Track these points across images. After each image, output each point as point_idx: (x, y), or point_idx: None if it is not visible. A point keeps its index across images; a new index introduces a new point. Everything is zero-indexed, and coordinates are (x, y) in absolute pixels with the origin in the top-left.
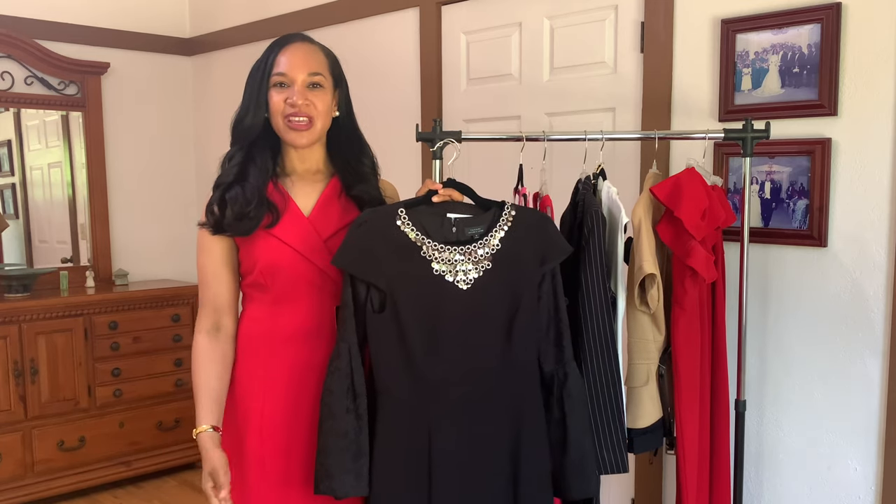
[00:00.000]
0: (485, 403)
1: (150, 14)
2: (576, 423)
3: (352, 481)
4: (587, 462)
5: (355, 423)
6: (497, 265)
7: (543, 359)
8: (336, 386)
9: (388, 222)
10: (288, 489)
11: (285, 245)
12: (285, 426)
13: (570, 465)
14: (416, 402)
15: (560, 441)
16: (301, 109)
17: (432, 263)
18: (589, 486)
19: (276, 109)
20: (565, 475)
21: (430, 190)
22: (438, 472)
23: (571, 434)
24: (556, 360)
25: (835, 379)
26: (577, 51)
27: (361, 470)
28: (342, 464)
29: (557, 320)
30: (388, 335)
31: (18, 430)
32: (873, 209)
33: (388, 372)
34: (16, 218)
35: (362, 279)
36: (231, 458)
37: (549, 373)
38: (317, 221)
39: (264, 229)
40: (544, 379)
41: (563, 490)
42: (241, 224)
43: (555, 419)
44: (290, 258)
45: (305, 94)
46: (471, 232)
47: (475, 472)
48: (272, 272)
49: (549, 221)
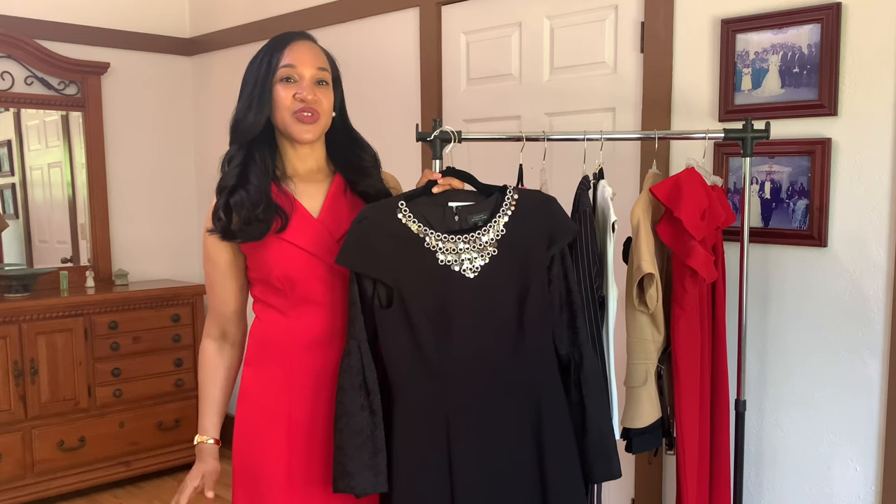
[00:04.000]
0: (502, 392)
1: (150, 14)
2: (593, 404)
3: (370, 478)
4: (608, 443)
5: (370, 420)
6: (503, 251)
7: (559, 342)
8: (348, 384)
9: (389, 216)
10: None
11: (298, 249)
12: (312, 430)
13: (591, 448)
14: (431, 397)
15: (580, 424)
16: (310, 104)
17: (437, 254)
18: (611, 467)
19: (282, 104)
20: (587, 458)
21: (429, 180)
22: (459, 466)
23: (590, 416)
24: (571, 342)
25: (835, 379)
26: (577, 51)
27: (379, 466)
28: (360, 461)
29: (570, 302)
30: (398, 330)
31: (18, 430)
32: (873, 209)
33: (400, 367)
34: (16, 218)
35: (367, 275)
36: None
37: (565, 356)
38: (327, 221)
39: (275, 234)
40: (561, 362)
41: (587, 473)
42: (250, 228)
43: (573, 402)
44: (305, 262)
45: (314, 90)
46: (474, 219)
47: (498, 463)
48: (289, 277)
49: (554, 202)
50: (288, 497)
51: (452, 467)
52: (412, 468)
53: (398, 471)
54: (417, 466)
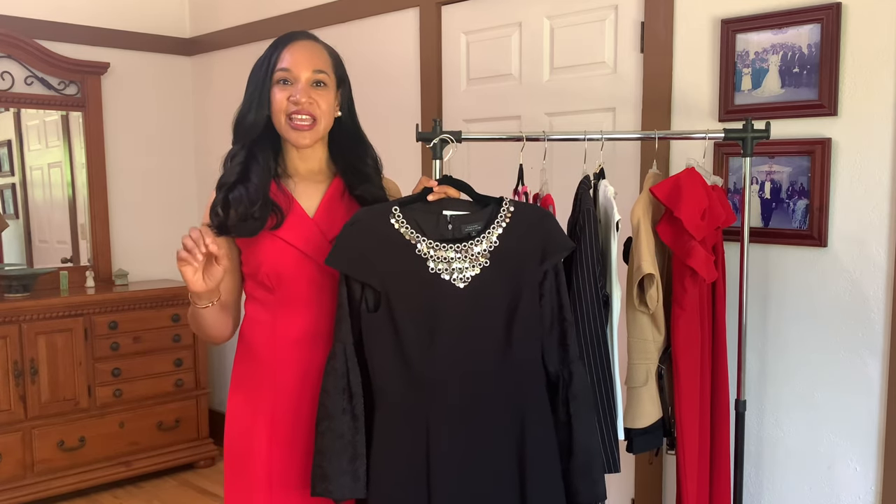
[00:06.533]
0: (485, 405)
1: (150, 14)
2: (581, 425)
3: (349, 483)
4: (595, 465)
5: (352, 424)
6: (495, 263)
7: (548, 359)
8: (332, 386)
9: (381, 220)
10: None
11: (290, 246)
12: (295, 430)
13: (576, 469)
14: (413, 404)
15: (566, 443)
16: (304, 108)
17: (428, 262)
18: (596, 489)
19: (278, 107)
20: (572, 479)
21: (425, 187)
22: (437, 475)
23: (577, 436)
24: (561, 360)
25: (835, 379)
26: (577, 51)
27: (358, 472)
28: (339, 465)
29: (561, 319)
30: (384, 335)
31: (18, 430)
32: (873, 209)
33: (383, 372)
34: (16, 218)
35: (356, 278)
36: (236, 462)
37: (553, 373)
38: (321, 222)
39: (269, 231)
40: (549, 379)
41: (571, 494)
42: (245, 225)
43: (561, 421)
44: (296, 260)
45: (309, 93)
46: (468, 229)
47: (476, 475)
48: (277, 274)
49: (550, 217)
50: (268, 494)
51: (430, 476)
52: (390, 475)
53: (376, 477)
54: (396, 474)
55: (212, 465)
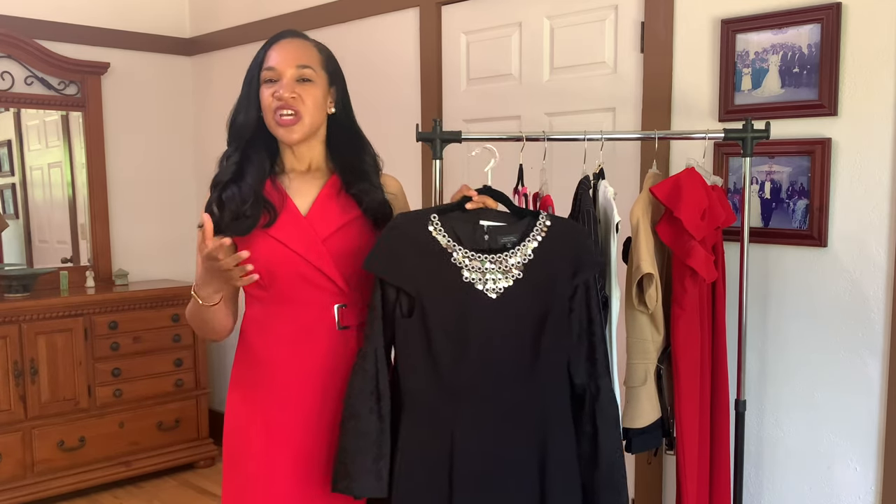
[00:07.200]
0: (510, 413)
1: (150, 14)
2: (607, 438)
3: (372, 482)
4: (618, 476)
5: (378, 425)
6: (528, 275)
7: (574, 372)
8: (360, 387)
9: (419, 227)
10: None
11: (282, 245)
12: (288, 426)
13: (600, 480)
14: (440, 409)
15: (591, 456)
16: (287, 103)
17: (462, 271)
18: (619, 499)
19: (266, 105)
20: (596, 490)
21: (464, 196)
22: (460, 480)
23: (603, 450)
24: (589, 374)
25: (835, 379)
26: (577, 51)
27: (382, 471)
28: (363, 464)
29: (591, 333)
30: (416, 340)
31: (18, 430)
32: (873, 209)
33: (413, 376)
34: (16, 218)
35: (391, 283)
36: (232, 459)
37: (580, 386)
38: (315, 220)
39: (262, 229)
40: (575, 392)
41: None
42: (237, 224)
43: (586, 434)
44: (288, 258)
45: (293, 88)
46: (504, 240)
47: (498, 482)
48: (269, 272)
49: (584, 233)
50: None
51: (453, 481)
52: (413, 477)
53: (399, 478)
54: (419, 476)
55: (212, 465)
